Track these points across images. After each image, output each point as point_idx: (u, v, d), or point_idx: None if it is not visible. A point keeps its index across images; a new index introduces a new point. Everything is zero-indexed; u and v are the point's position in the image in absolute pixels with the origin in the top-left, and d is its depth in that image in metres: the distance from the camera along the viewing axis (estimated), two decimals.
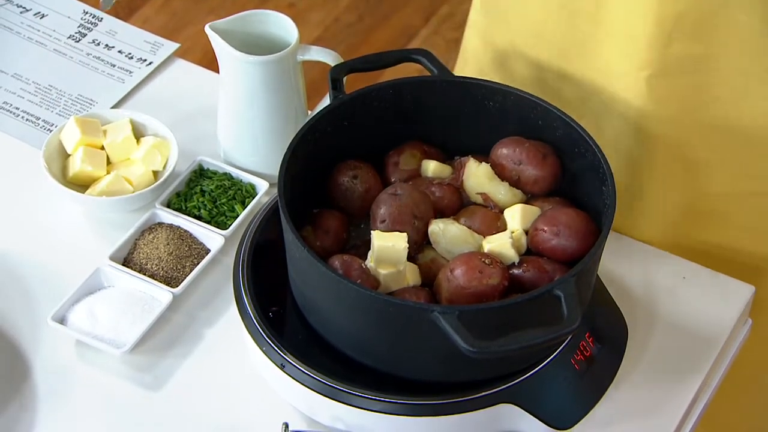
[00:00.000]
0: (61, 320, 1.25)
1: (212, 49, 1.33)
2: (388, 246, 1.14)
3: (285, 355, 1.15)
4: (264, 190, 1.37)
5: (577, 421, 1.18)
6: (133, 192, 1.34)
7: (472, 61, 1.51)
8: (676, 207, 1.38)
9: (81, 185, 1.36)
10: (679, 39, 1.25)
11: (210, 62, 1.45)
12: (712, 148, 1.33)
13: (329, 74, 1.25)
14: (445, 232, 1.18)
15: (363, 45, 2.93)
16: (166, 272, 1.29)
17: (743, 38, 1.23)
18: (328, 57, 1.32)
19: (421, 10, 3.05)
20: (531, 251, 1.18)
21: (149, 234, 1.32)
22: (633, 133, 1.34)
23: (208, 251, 1.32)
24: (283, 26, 1.34)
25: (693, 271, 1.33)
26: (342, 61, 1.30)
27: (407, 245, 1.14)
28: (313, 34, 2.96)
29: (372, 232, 1.16)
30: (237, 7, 1.30)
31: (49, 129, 1.46)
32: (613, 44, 1.30)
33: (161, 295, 1.27)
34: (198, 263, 1.30)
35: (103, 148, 1.38)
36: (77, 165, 1.35)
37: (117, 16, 1.61)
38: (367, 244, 1.17)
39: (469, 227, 1.19)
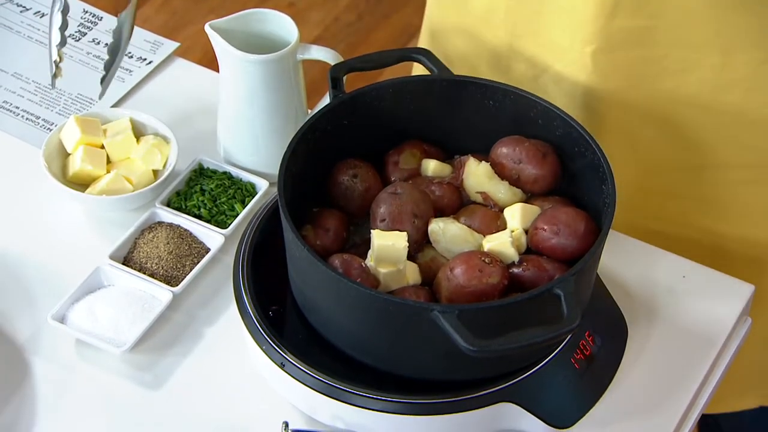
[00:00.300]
0: (61, 319, 1.25)
1: (212, 48, 1.33)
2: (388, 245, 1.14)
3: (285, 354, 1.15)
4: (264, 189, 1.37)
5: (577, 420, 1.18)
6: (133, 191, 1.34)
7: (430, 41, 1.52)
8: (628, 185, 1.39)
9: (81, 184, 1.36)
10: (621, 12, 1.25)
11: (210, 61, 1.45)
12: (658, 123, 1.33)
13: (329, 73, 1.25)
14: (445, 231, 1.18)
15: (363, 44, 2.93)
16: (166, 271, 1.29)
17: (688, 8, 1.23)
18: (328, 56, 1.32)
19: (420, 9, 3.03)
20: (531, 250, 1.18)
21: (149, 233, 1.32)
22: (582, 110, 1.34)
23: (208, 250, 1.32)
24: (283, 25, 1.34)
25: (693, 269, 1.33)
26: (342, 60, 1.30)
27: (407, 244, 1.14)
28: (313, 34, 2.96)
29: (372, 231, 1.16)
30: (237, 6, 1.30)
31: (49, 128, 1.46)
32: (558, 20, 1.31)
33: (161, 294, 1.27)
34: (198, 262, 1.30)
35: (103, 147, 1.38)
36: (77, 164, 1.35)
37: (117, 15, 1.61)
38: (367, 243, 1.17)
39: (469, 226, 1.19)
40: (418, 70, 1.38)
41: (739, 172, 1.37)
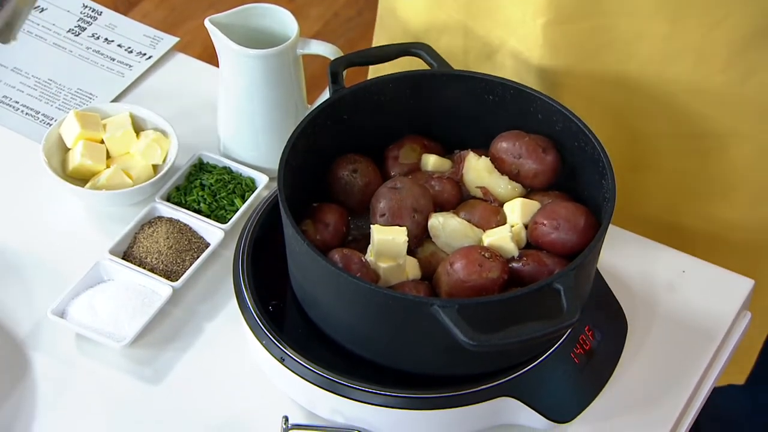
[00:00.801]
0: (61, 314, 1.25)
1: (212, 43, 1.33)
2: (387, 239, 1.14)
3: (285, 348, 1.15)
4: (264, 183, 1.37)
5: (577, 415, 1.18)
6: (133, 186, 1.35)
7: (386, 29, 1.52)
8: None
9: (81, 179, 1.36)
10: None
11: (210, 57, 1.45)
12: (612, 94, 1.33)
13: (329, 68, 1.25)
14: (445, 225, 1.18)
15: (362, 40, 2.93)
16: (166, 266, 1.29)
17: None
18: (328, 50, 1.32)
19: None
20: (531, 245, 1.18)
21: (149, 228, 1.32)
22: (538, 85, 1.35)
23: (207, 245, 1.32)
24: (282, 20, 1.34)
25: (692, 264, 1.33)
26: (341, 54, 1.30)
27: (407, 239, 1.14)
28: (313, 29, 2.96)
29: (371, 226, 1.16)
30: (237, 1, 1.30)
31: (48, 123, 1.46)
32: None
33: (161, 288, 1.27)
34: (198, 257, 1.30)
35: (102, 142, 1.38)
36: (77, 159, 1.35)
37: (116, 10, 1.61)
38: (367, 238, 1.17)
39: (469, 221, 1.19)
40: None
41: (695, 142, 1.37)
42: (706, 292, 1.31)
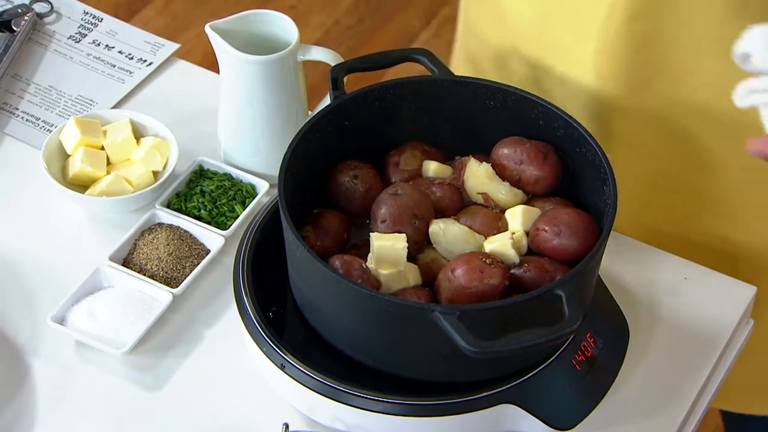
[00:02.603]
0: (61, 320, 1.25)
1: (213, 51, 1.32)
2: (387, 246, 1.14)
3: (285, 355, 1.15)
4: (264, 190, 1.37)
5: (579, 422, 1.17)
6: (133, 192, 1.34)
7: (459, 57, 1.52)
8: (635, 186, 1.38)
9: (81, 185, 1.36)
10: (620, 12, 1.25)
11: (211, 65, 1.45)
12: (660, 125, 1.33)
13: (329, 74, 1.24)
14: (446, 232, 1.17)
15: (363, 47, 2.93)
16: (166, 272, 1.29)
17: (690, 12, 1.23)
18: (329, 57, 1.32)
19: (421, 12, 3.05)
20: (532, 251, 1.18)
21: (149, 234, 1.32)
22: (586, 111, 1.35)
23: (208, 252, 1.32)
24: (283, 26, 1.34)
25: (695, 271, 1.33)
26: (342, 60, 1.30)
27: (406, 245, 1.14)
28: (314, 37, 2.96)
29: (371, 233, 1.16)
30: (238, 9, 1.30)
31: (48, 129, 1.46)
32: (562, 19, 1.31)
33: (161, 295, 1.27)
34: (198, 264, 1.30)
35: (103, 148, 1.38)
36: (77, 165, 1.35)
37: (117, 18, 1.61)
38: (367, 244, 1.16)
39: (470, 227, 1.19)
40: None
41: (740, 175, 1.37)
42: (709, 299, 1.30)
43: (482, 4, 1.44)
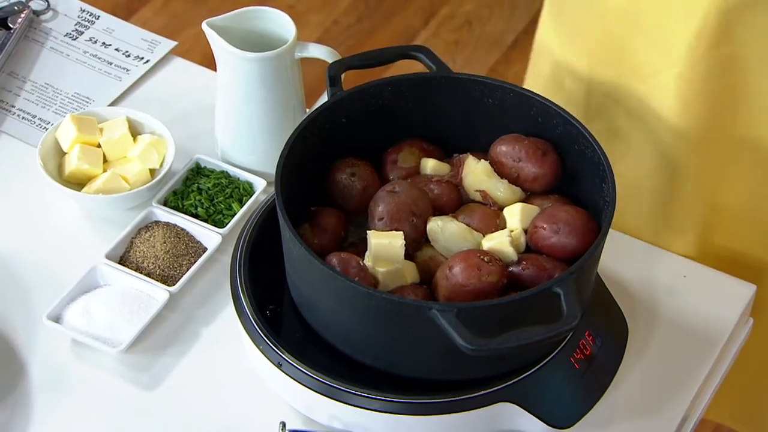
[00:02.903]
0: (57, 319, 1.24)
1: (211, 51, 1.32)
2: (384, 243, 1.13)
3: (282, 353, 1.14)
4: (261, 188, 1.36)
5: (577, 421, 1.17)
6: (130, 190, 1.34)
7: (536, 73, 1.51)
8: (699, 215, 1.38)
9: (77, 183, 1.35)
10: (706, 36, 1.23)
11: (209, 64, 1.44)
12: (734, 159, 1.31)
13: (327, 71, 1.24)
14: (444, 229, 1.17)
15: (362, 47, 2.92)
16: (163, 271, 1.28)
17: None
18: (326, 54, 1.31)
19: (420, 11, 3.04)
20: (530, 249, 1.17)
21: (146, 232, 1.31)
22: (664, 136, 1.33)
23: (205, 250, 1.31)
24: (280, 23, 1.33)
25: (694, 269, 1.33)
26: (340, 57, 1.29)
27: (404, 242, 1.13)
28: (312, 37, 2.95)
29: (368, 231, 1.15)
30: (236, 8, 1.30)
31: (45, 127, 1.46)
32: (645, 41, 1.30)
33: (158, 293, 1.26)
34: (195, 262, 1.29)
35: (99, 146, 1.37)
36: (73, 163, 1.34)
37: (115, 16, 1.61)
38: (365, 242, 1.16)
39: (468, 225, 1.18)
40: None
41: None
42: (708, 298, 1.30)
43: (560, 25, 1.43)
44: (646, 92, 1.33)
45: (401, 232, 1.14)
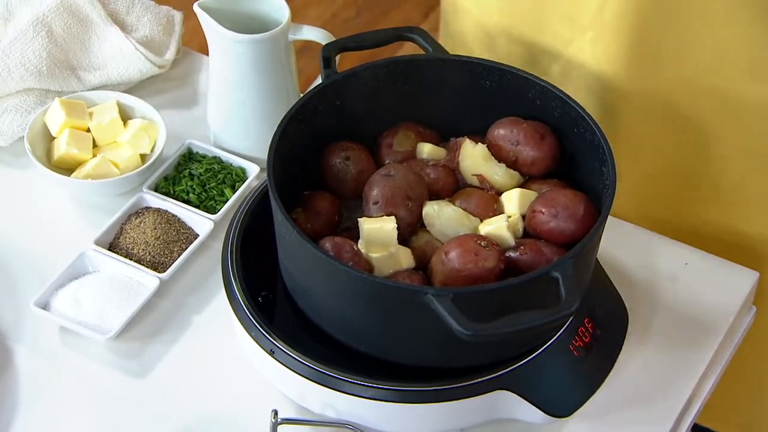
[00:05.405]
0: (45, 306, 1.23)
1: (206, 43, 1.30)
2: (376, 228, 1.12)
3: (274, 340, 1.13)
4: (254, 173, 1.34)
5: (576, 409, 1.15)
6: (120, 175, 1.32)
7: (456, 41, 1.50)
8: (637, 175, 1.36)
9: (66, 168, 1.34)
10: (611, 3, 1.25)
11: (205, 52, 1.42)
12: (661, 111, 1.31)
13: (321, 52, 1.22)
14: (440, 213, 1.15)
15: None
16: (153, 257, 1.26)
17: None
18: (320, 36, 1.29)
19: (419, 5, 3.03)
20: (528, 234, 1.15)
21: (136, 218, 1.29)
22: (593, 101, 1.33)
23: (196, 236, 1.30)
24: (274, 5, 1.31)
25: (696, 256, 1.31)
26: (333, 39, 1.27)
27: (395, 225, 1.12)
28: None
29: (359, 218, 1.13)
30: None
31: None
32: (559, 13, 1.31)
33: (148, 280, 1.24)
34: (186, 248, 1.28)
35: (88, 130, 1.36)
36: (62, 148, 1.33)
37: None
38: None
39: (465, 209, 1.16)
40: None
41: (744, 160, 1.34)
42: (710, 285, 1.28)
43: None
44: (568, 58, 1.34)
45: (393, 217, 1.13)
